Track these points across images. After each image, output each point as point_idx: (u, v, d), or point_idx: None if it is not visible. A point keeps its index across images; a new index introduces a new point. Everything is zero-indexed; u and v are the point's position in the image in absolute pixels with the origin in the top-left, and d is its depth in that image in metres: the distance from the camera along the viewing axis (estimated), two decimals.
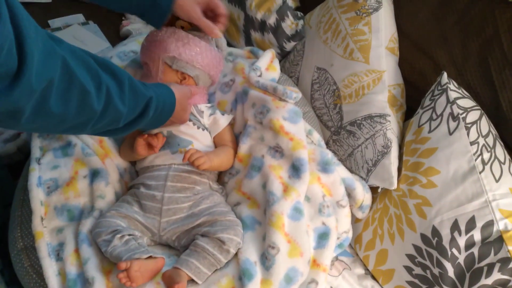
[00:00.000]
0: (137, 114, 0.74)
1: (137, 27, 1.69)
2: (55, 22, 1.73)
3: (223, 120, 1.06)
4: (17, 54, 0.49)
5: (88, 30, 1.69)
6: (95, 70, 0.64)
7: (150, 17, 0.95)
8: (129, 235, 0.86)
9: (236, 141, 1.07)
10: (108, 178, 0.97)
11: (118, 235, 0.84)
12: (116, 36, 1.71)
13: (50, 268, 0.86)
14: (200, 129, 1.03)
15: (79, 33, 1.66)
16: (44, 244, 0.89)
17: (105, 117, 0.67)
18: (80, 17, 1.74)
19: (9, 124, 0.57)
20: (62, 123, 0.62)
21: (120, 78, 0.69)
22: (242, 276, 0.83)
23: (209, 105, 1.08)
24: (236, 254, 0.87)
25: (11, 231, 0.96)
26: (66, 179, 0.97)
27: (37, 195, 0.94)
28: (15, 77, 0.50)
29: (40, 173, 0.98)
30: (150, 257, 0.82)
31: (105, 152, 1.01)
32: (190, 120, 1.02)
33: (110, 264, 0.86)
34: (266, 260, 0.85)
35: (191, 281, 0.83)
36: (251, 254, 0.86)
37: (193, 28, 1.07)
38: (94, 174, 0.97)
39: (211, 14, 1.00)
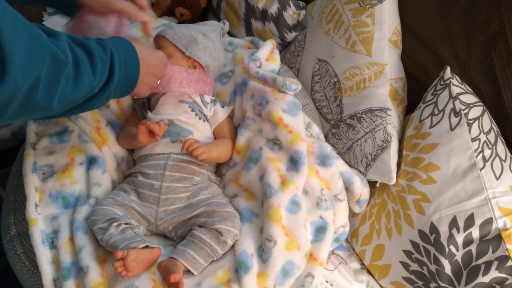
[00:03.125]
0: (106, 78, 0.71)
1: None
2: None
3: (223, 112, 1.06)
4: None
5: None
6: (76, 58, 0.62)
7: (60, 7, 0.87)
8: (126, 224, 0.85)
9: (235, 133, 1.06)
10: (105, 166, 0.96)
11: (115, 224, 0.83)
12: None
13: (43, 256, 0.85)
14: (201, 120, 1.02)
15: None
16: (38, 231, 0.88)
17: (81, 96, 0.66)
18: None
19: None
20: (45, 113, 0.61)
21: (94, 58, 0.66)
22: (239, 268, 0.82)
23: (213, 97, 1.07)
24: (232, 246, 0.87)
25: (4, 217, 0.95)
26: (62, 165, 0.95)
27: (32, 181, 0.93)
28: None
29: (35, 159, 0.97)
30: (146, 246, 0.81)
31: (102, 140, 1.00)
32: (192, 110, 1.01)
33: (105, 252, 0.85)
34: (263, 252, 0.85)
35: (187, 272, 0.82)
36: (248, 246, 0.85)
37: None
38: (91, 162, 0.96)
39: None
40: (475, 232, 0.81)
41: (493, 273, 0.79)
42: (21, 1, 0.87)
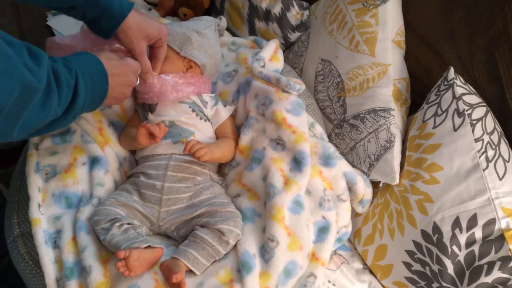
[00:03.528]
0: (70, 98, 0.70)
1: None
2: None
3: (225, 112, 1.05)
4: None
5: None
6: (49, 85, 0.62)
7: (100, 27, 0.86)
8: (128, 224, 0.85)
9: (237, 132, 1.06)
10: (107, 166, 0.97)
11: (117, 224, 0.83)
12: None
13: (46, 256, 0.85)
14: (202, 120, 1.02)
15: None
16: (41, 231, 0.88)
17: (45, 123, 0.66)
18: None
19: None
20: (5, 138, 0.60)
21: (61, 83, 0.66)
22: (241, 268, 0.82)
23: (212, 95, 1.07)
24: (235, 246, 0.87)
25: (7, 217, 0.95)
26: (65, 165, 0.96)
27: (35, 181, 0.94)
28: None
29: (38, 159, 0.97)
30: (149, 246, 0.81)
31: (104, 140, 1.00)
32: (193, 111, 1.01)
33: (108, 252, 0.85)
34: (265, 252, 0.85)
35: (189, 272, 0.82)
36: (250, 246, 0.85)
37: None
38: (94, 162, 0.96)
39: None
40: (478, 233, 0.81)
41: (496, 274, 0.79)
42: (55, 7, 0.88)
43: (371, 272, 1.03)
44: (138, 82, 0.90)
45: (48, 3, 0.83)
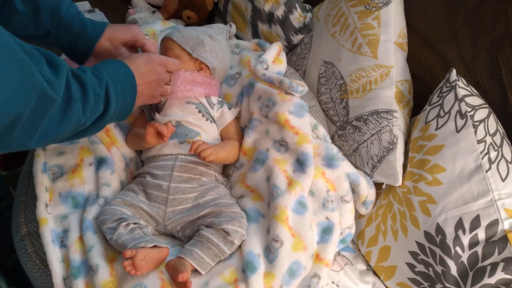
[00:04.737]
0: (101, 110, 0.71)
1: (143, 16, 1.68)
2: None
3: (229, 114, 1.06)
4: None
5: (93, 18, 1.68)
6: (69, 95, 0.61)
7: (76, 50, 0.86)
8: (134, 223, 0.86)
9: (242, 134, 1.07)
10: (113, 167, 0.97)
11: (124, 223, 0.84)
12: None
13: (53, 255, 0.86)
14: (208, 121, 1.03)
15: None
16: (48, 230, 0.89)
17: (68, 132, 0.65)
18: (86, 5, 1.73)
19: None
20: (20, 149, 0.60)
21: (87, 93, 0.66)
22: (246, 268, 0.83)
23: (220, 99, 1.08)
24: (240, 246, 0.88)
25: (14, 217, 0.96)
26: (72, 166, 0.97)
27: (42, 181, 0.94)
28: None
29: (46, 159, 0.98)
30: (155, 246, 0.82)
31: (111, 141, 1.01)
32: (199, 112, 1.02)
33: (114, 252, 0.86)
34: (269, 253, 0.85)
35: (195, 271, 0.83)
36: (255, 247, 0.86)
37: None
38: (100, 162, 0.97)
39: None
40: (481, 234, 0.81)
41: (499, 275, 0.79)
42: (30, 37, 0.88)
43: (375, 273, 1.03)
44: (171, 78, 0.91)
45: (22, 30, 0.84)
